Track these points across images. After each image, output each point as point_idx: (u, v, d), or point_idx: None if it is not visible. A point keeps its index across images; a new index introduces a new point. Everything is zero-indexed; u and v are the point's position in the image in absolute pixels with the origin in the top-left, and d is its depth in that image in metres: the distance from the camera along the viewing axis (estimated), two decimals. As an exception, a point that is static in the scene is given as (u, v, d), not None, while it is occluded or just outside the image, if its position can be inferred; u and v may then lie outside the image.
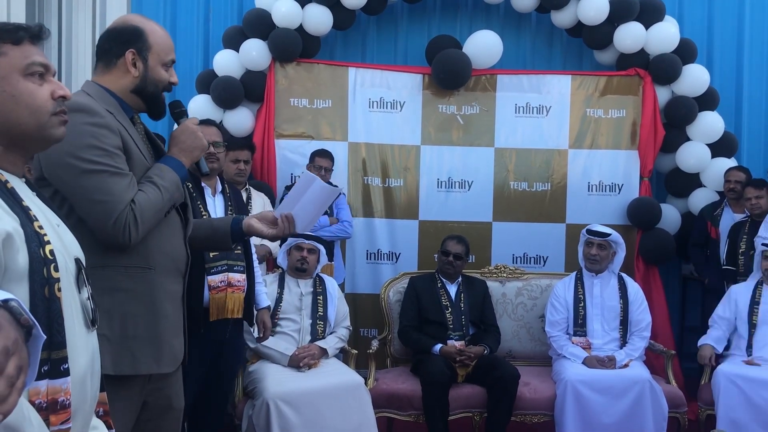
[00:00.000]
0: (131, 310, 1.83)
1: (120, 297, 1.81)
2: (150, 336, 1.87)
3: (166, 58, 1.96)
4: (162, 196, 1.86)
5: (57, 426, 1.19)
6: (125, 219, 1.77)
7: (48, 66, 1.34)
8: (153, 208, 1.83)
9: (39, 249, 1.20)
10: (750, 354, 3.84)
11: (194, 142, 2.00)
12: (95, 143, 1.76)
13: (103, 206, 1.75)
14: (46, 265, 1.20)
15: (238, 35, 4.93)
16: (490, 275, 4.41)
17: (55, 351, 1.19)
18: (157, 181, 1.87)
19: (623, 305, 3.96)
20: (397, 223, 5.12)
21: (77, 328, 1.29)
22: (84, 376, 1.30)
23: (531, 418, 3.74)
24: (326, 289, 3.84)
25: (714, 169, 5.00)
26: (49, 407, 1.18)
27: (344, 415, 3.32)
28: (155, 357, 1.88)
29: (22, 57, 1.30)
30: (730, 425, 3.49)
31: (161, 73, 1.95)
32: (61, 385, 1.20)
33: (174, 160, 1.96)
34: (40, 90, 1.32)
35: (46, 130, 1.34)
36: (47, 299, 1.19)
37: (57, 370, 1.20)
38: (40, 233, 1.22)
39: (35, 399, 1.16)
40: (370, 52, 5.44)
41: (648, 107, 5.04)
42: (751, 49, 5.45)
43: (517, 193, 5.16)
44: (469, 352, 3.77)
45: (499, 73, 5.14)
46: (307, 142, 4.93)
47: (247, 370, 3.55)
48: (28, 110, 1.30)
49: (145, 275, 1.87)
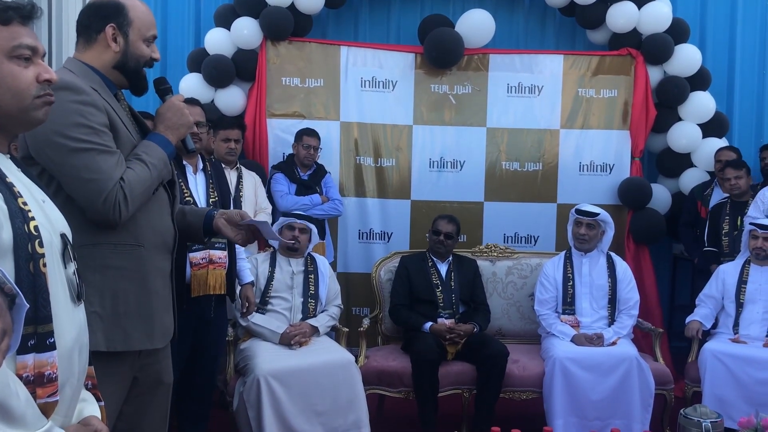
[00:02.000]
0: (122, 287, 1.85)
1: (111, 274, 1.83)
2: (141, 312, 1.89)
3: (147, 33, 1.95)
4: (150, 173, 1.86)
5: (44, 399, 1.21)
6: (115, 197, 1.77)
7: (36, 48, 1.33)
8: (142, 185, 1.84)
9: (23, 225, 1.21)
10: (736, 332, 3.89)
11: (180, 119, 2.00)
12: (82, 121, 1.76)
13: (93, 184, 1.75)
14: (31, 241, 1.21)
15: (229, 13, 4.90)
16: (480, 254, 4.44)
17: (41, 325, 1.21)
18: (145, 158, 1.87)
19: (611, 284, 3.99)
20: (389, 203, 5.13)
21: (63, 302, 1.30)
22: (71, 350, 1.31)
23: (520, 395, 3.79)
24: (317, 267, 3.86)
25: (705, 149, 5.02)
26: (36, 380, 1.19)
27: (335, 392, 3.35)
28: (147, 333, 1.90)
29: (9, 38, 1.29)
30: (716, 402, 3.54)
31: (142, 48, 1.94)
32: (47, 358, 1.22)
33: (160, 136, 1.96)
34: (24, 73, 1.31)
35: (29, 113, 1.33)
36: (32, 275, 1.20)
37: (43, 344, 1.21)
38: (24, 209, 1.23)
39: (22, 372, 1.17)
40: (362, 31, 5.41)
41: (640, 87, 5.05)
42: (744, 30, 5.44)
43: (509, 173, 5.17)
44: (459, 330, 3.80)
45: (492, 53, 5.13)
46: (299, 122, 4.92)
47: (239, 347, 3.58)
48: (10, 93, 1.30)
49: (135, 252, 1.88)
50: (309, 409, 3.28)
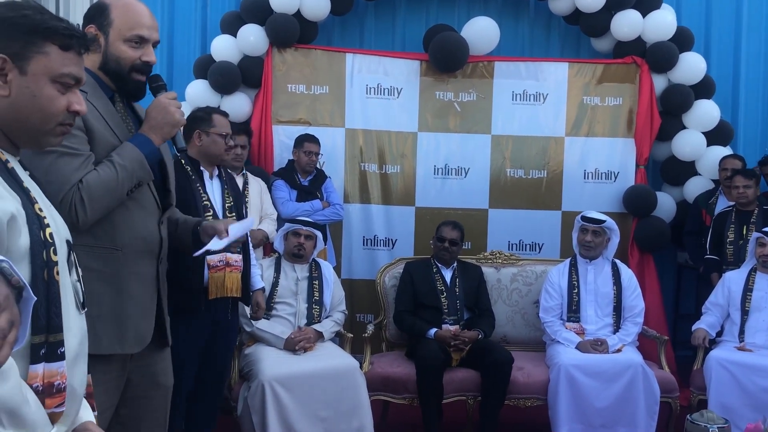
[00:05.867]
0: (96, 289, 1.81)
1: (85, 276, 1.82)
2: (113, 316, 1.86)
3: (128, 34, 1.88)
4: (117, 175, 1.82)
5: (51, 409, 1.19)
6: (71, 199, 1.75)
7: (79, 80, 1.34)
8: (104, 187, 1.80)
9: (39, 232, 1.19)
10: (742, 340, 3.88)
11: (164, 117, 1.94)
12: None
13: (50, 187, 1.74)
14: (46, 248, 1.20)
15: (236, 20, 4.93)
16: (485, 261, 4.43)
17: (53, 334, 1.19)
18: (115, 159, 1.83)
19: (617, 291, 3.98)
20: (393, 210, 5.14)
21: (71, 310, 1.29)
22: (76, 358, 1.30)
23: (524, 402, 3.77)
24: (322, 273, 3.86)
25: (709, 158, 5.02)
26: (45, 390, 1.17)
27: (339, 398, 3.35)
28: (118, 337, 1.87)
29: (61, 64, 1.29)
30: (722, 410, 3.51)
31: (122, 50, 1.89)
32: (57, 368, 1.20)
33: (141, 137, 1.92)
34: (59, 99, 1.31)
35: (46, 136, 1.34)
36: (46, 282, 1.19)
37: (54, 353, 1.19)
38: (40, 215, 1.22)
39: (32, 383, 1.15)
40: (367, 38, 5.44)
41: (644, 95, 5.06)
42: (749, 38, 5.46)
43: (514, 181, 5.18)
44: (463, 337, 3.80)
45: (497, 60, 5.15)
46: (305, 128, 4.93)
47: (243, 352, 3.58)
48: (41, 114, 1.29)
49: (112, 255, 1.86)
50: (313, 415, 3.27)
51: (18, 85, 1.26)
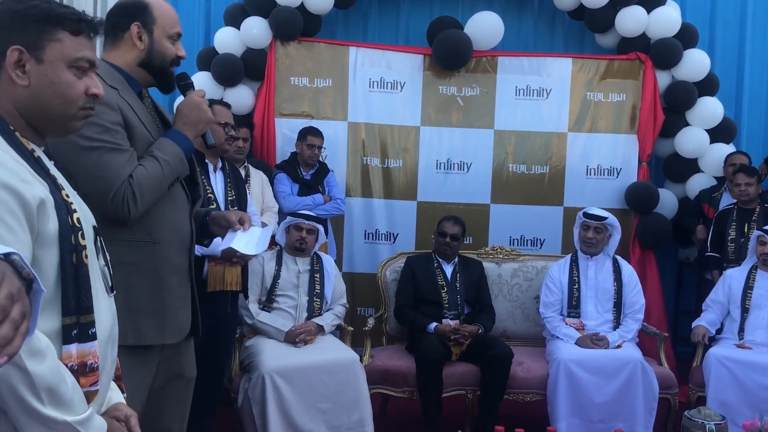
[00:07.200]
0: (135, 282, 1.86)
1: (124, 270, 1.83)
2: (154, 308, 1.90)
3: (171, 31, 1.97)
4: (162, 170, 1.87)
5: (86, 388, 1.24)
6: (123, 194, 1.80)
7: (93, 62, 1.37)
8: (152, 181, 1.85)
9: (67, 217, 1.24)
10: (741, 338, 3.89)
11: (198, 115, 2.01)
12: (94, 120, 1.77)
13: (101, 182, 1.78)
14: (74, 232, 1.25)
15: (239, 12, 4.93)
16: (486, 256, 4.44)
17: (84, 315, 1.25)
18: (158, 155, 1.88)
19: (617, 287, 3.99)
20: (395, 204, 5.15)
21: (100, 293, 1.34)
22: (107, 340, 1.35)
23: (524, 397, 3.79)
24: (323, 267, 3.87)
25: (712, 155, 5.01)
26: (79, 369, 1.23)
27: (339, 391, 3.36)
28: (159, 328, 1.92)
29: (75, 49, 1.33)
30: (720, 407, 3.52)
31: (167, 46, 1.96)
32: (89, 348, 1.25)
33: (178, 133, 1.98)
34: (77, 83, 1.34)
35: (70, 121, 1.37)
36: (75, 266, 1.24)
37: (85, 333, 1.25)
38: (67, 201, 1.27)
39: (67, 362, 1.21)
40: (371, 31, 5.43)
41: (648, 91, 5.05)
42: (753, 35, 5.45)
43: (516, 176, 5.18)
44: (463, 331, 3.81)
45: (500, 55, 5.14)
46: (307, 121, 4.93)
47: (244, 344, 3.60)
48: (61, 99, 1.33)
49: (150, 249, 1.90)
50: (313, 407, 3.29)
51: (36, 74, 1.29)
